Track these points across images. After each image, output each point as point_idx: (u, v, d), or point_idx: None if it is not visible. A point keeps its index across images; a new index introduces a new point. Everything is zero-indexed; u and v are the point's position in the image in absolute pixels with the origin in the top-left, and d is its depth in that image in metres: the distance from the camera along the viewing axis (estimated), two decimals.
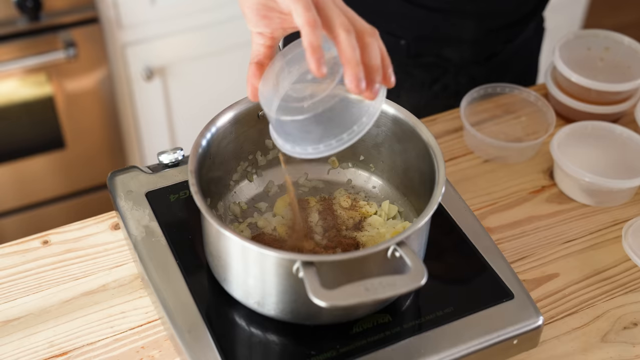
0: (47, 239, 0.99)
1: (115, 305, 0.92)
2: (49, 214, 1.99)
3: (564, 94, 1.18)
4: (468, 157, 1.14)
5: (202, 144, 0.85)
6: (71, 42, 1.76)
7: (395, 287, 0.73)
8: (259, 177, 0.97)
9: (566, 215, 1.06)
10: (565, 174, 1.07)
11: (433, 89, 1.31)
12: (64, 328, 0.89)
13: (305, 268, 0.74)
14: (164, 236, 0.90)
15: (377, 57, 0.75)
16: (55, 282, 0.94)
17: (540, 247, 1.01)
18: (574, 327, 0.92)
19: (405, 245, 0.76)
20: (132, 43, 1.85)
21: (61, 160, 1.93)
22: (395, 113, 0.90)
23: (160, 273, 0.87)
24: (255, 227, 0.92)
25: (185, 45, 1.91)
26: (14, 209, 1.96)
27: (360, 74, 0.73)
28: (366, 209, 0.94)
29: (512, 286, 0.87)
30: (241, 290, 0.82)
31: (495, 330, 0.83)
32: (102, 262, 0.96)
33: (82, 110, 1.88)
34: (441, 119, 1.20)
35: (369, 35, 0.75)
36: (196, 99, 2.00)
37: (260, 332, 0.83)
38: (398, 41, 1.24)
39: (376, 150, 0.95)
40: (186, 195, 0.95)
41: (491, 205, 1.07)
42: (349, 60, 0.73)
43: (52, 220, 1.97)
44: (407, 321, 0.84)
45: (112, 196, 0.95)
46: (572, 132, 1.12)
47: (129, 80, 1.89)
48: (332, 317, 0.82)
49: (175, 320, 0.83)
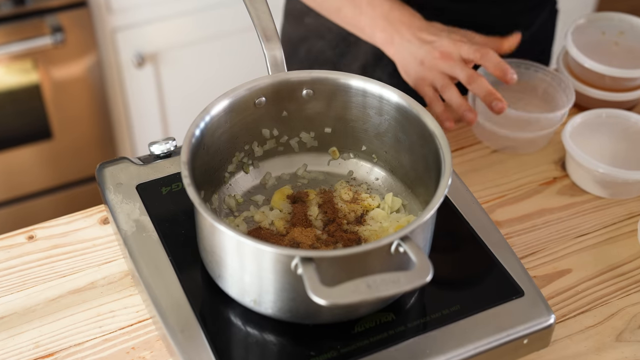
0: (32, 234, 0.98)
1: (104, 304, 0.91)
2: (35, 208, 1.99)
3: (576, 80, 1.17)
4: (476, 147, 1.13)
5: (195, 133, 0.84)
6: (58, 27, 1.75)
7: (399, 284, 0.72)
8: (255, 169, 0.96)
9: (579, 208, 1.05)
10: (578, 165, 1.06)
11: None
12: (50, 328, 0.89)
13: (304, 264, 0.73)
14: (156, 231, 0.90)
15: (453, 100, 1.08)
16: (41, 279, 0.94)
17: (551, 242, 1.01)
18: (587, 325, 0.92)
19: (409, 240, 0.76)
20: (122, 28, 1.84)
21: (48, 151, 1.93)
22: (399, 100, 0.89)
23: (151, 270, 0.86)
24: (251, 221, 0.92)
25: (178, 30, 1.90)
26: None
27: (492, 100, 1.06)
28: (368, 202, 0.93)
29: (522, 283, 0.87)
30: (237, 287, 0.82)
31: (505, 330, 0.83)
32: (90, 258, 0.96)
33: (70, 98, 1.88)
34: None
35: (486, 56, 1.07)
36: (190, 86, 2.00)
37: (257, 331, 0.83)
38: None
39: (379, 140, 0.94)
40: (179, 187, 0.94)
41: (500, 198, 1.06)
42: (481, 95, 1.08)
43: (38, 214, 1.97)
44: (412, 320, 0.84)
45: (101, 189, 0.94)
46: (585, 120, 1.11)
47: (119, 67, 1.89)
48: (332, 315, 0.82)
49: (168, 319, 0.82)
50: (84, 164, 1.98)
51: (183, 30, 1.91)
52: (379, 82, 0.90)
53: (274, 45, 0.91)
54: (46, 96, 1.84)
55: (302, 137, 0.96)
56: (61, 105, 1.87)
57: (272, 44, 0.91)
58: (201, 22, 1.91)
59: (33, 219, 1.66)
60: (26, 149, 1.90)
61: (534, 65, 1.17)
